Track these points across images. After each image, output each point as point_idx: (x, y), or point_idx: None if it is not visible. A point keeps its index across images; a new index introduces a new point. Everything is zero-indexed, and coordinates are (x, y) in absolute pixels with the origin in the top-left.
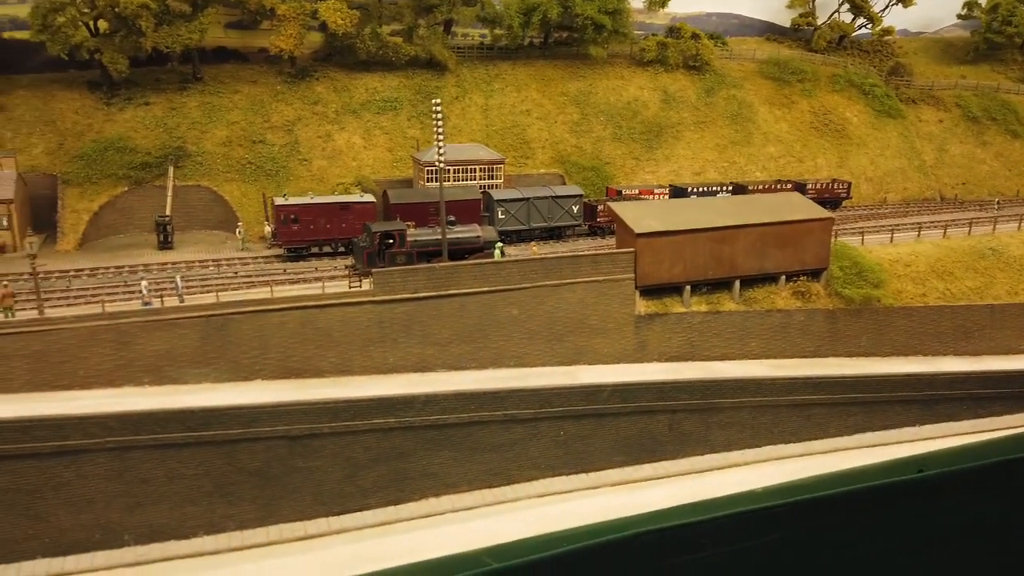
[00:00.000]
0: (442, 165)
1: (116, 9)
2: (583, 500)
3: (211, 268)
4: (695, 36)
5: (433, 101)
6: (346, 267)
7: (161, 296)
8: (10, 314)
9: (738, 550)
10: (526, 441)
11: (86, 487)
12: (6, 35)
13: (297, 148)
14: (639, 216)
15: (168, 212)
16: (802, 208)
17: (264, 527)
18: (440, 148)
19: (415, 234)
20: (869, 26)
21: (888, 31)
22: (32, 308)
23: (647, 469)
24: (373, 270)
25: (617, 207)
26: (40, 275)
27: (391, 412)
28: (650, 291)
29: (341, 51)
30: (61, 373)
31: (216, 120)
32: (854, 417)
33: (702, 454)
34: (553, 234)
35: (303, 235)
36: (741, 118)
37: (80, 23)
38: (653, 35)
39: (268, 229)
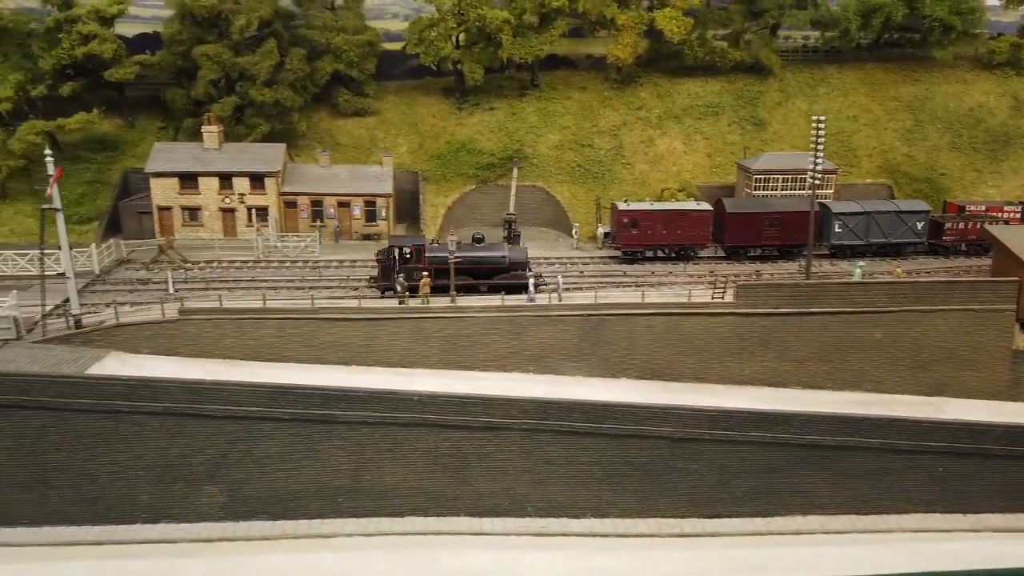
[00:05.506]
0: (817, 180)
1: (480, 24)
2: (962, 542)
3: (556, 266)
4: None
5: (813, 117)
6: (369, 278)
7: (549, 296)
8: (427, 300)
9: None
10: (902, 472)
11: (503, 460)
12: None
13: (621, 152)
14: None
15: (512, 210)
16: None
17: (643, 518)
18: (817, 160)
19: (433, 251)
20: None
21: None
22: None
23: None
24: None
25: (998, 231)
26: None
27: (768, 427)
28: None
29: (667, 57)
30: (466, 355)
31: (550, 125)
32: None
33: None
34: (890, 251)
35: (641, 239)
36: None
37: (448, 37)
38: (1002, 35)
39: (600, 230)
